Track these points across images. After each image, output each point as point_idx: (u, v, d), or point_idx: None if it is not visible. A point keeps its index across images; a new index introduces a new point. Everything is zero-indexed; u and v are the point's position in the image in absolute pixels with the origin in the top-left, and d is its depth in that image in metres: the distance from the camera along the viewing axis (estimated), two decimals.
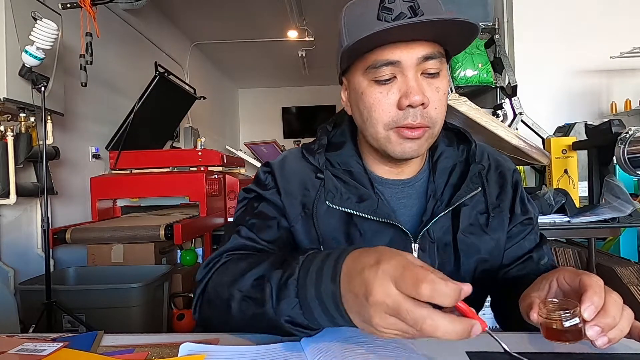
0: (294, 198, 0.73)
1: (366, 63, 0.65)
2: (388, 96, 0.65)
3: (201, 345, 0.57)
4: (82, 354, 0.58)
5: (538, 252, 0.77)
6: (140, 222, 2.70)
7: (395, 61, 0.63)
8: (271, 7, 4.46)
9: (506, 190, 0.76)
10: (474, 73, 2.52)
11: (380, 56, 0.63)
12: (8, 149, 2.09)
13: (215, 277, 0.66)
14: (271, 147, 4.78)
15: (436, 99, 0.65)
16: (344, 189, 0.71)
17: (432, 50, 0.64)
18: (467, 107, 1.42)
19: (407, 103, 0.63)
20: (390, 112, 0.65)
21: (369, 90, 0.66)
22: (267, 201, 0.74)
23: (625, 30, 2.68)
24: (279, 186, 0.74)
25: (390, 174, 0.75)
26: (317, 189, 0.72)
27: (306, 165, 0.75)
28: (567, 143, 1.63)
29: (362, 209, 0.69)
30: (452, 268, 0.72)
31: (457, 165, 0.76)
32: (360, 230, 0.70)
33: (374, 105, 0.66)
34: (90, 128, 3.21)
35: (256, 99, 8.02)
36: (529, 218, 0.77)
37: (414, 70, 0.64)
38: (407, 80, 0.64)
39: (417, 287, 0.42)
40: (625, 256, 1.95)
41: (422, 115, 0.65)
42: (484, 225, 0.73)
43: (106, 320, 2.07)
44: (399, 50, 0.63)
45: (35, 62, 2.03)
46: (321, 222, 0.71)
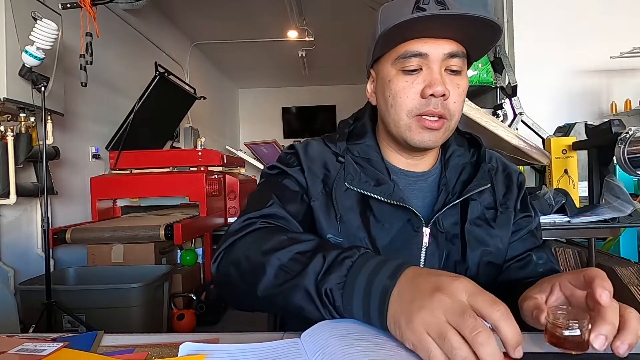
0: (316, 176, 0.77)
1: (396, 53, 0.71)
2: (413, 85, 0.70)
3: (201, 345, 0.57)
4: (82, 354, 0.58)
5: (537, 252, 0.79)
6: (140, 222, 2.70)
7: (423, 53, 0.69)
8: (271, 7, 4.46)
9: (512, 189, 0.81)
10: (474, 73, 2.52)
11: (411, 47, 0.69)
12: (8, 149, 2.09)
13: (249, 240, 0.68)
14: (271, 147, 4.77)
15: (456, 94, 0.71)
16: (362, 173, 0.76)
17: (457, 49, 0.70)
18: (467, 107, 1.42)
19: (430, 92, 0.68)
20: (414, 99, 0.70)
21: (397, 79, 0.71)
22: (291, 177, 0.78)
23: (625, 30, 2.68)
24: (303, 164, 0.78)
25: (406, 166, 0.80)
26: (337, 170, 0.77)
27: (328, 150, 0.80)
28: (567, 143, 1.63)
29: (378, 192, 0.73)
30: (458, 258, 0.75)
31: (468, 165, 0.81)
32: (375, 213, 0.74)
33: (400, 92, 0.71)
34: (90, 128, 3.21)
35: (256, 99, 8.02)
36: (527, 215, 0.80)
37: (439, 65, 0.69)
38: (432, 73, 0.69)
39: (492, 305, 0.43)
40: (625, 256, 1.95)
41: (442, 105, 0.70)
42: (491, 220, 0.77)
43: (106, 320, 2.07)
44: (427, 44, 0.69)
45: (35, 62, 2.03)
46: (339, 202, 0.75)
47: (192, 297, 2.76)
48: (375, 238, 0.74)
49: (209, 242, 3.25)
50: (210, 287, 3.00)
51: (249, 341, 0.59)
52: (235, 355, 0.55)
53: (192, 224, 2.72)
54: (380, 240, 0.74)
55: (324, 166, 0.78)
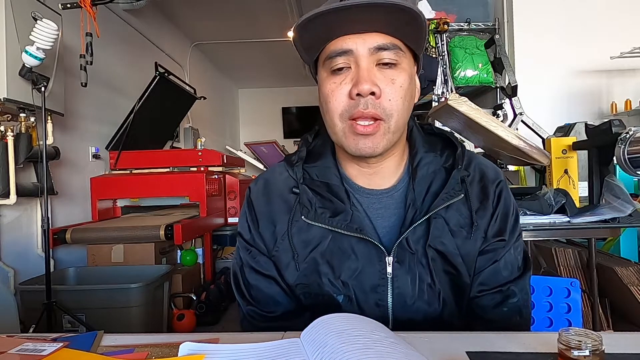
0: (274, 225, 0.74)
1: (324, 54, 0.67)
2: (341, 86, 0.66)
3: (201, 344, 0.57)
4: (82, 354, 0.58)
5: (509, 287, 0.72)
6: (140, 222, 2.70)
7: (348, 50, 0.65)
8: (271, 7, 4.46)
9: (486, 207, 0.72)
10: (474, 73, 2.52)
11: (335, 46, 0.65)
12: (8, 149, 2.09)
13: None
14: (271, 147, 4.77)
15: (391, 91, 0.65)
16: (318, 203, 0.71)
17: (385, 41, 0.64)
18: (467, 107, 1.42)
19: (356, 91, 0.64)
20: (343, 101, 0.66)
21: (326, 81, 0.67)
22: (257, 255, 0.76)
23: (625, 30, 2.68)
24: (259, 225, 0.75)
25: (368, 183, 0.74)
26: (293, 206, 0.73)
27: (286, 180, 0.75)
28: (567, 143, 1.63)
29: (335, 224, 0.69)
30: (429, 281, 0.70)
31: (439, 172, 0.73)
32: (338, 243, 0.70)
33: (329, 95, 0.67)
34: (90, 128, 3.21)
35: (256, 99, 8.02)
36: (501, 239, 0.72)
37: (367, 60, 0.64)
38: (358, 70, 0.64)
39: None
40: (625, 256, 1.95)
41: (373, 105, 0.64)
42: (459, 238, 0.70)
43: (106, 320, 2.07)
44: (352, 40, 0.64)
45: (35, 62, 2.03)
46: (298, 240, 0.72)
47: (192, 297, 2.76)
48: (340, 271, 0.70)
49: (209, 242, 3.25)
50: (210, 287, 3.00)
51: (249, 341, 0.59)
52: (235, 355, 0.55)
53: (192, 224, 2.72)
54: (345, 273, 0.70)
55: (284, 203, 0.74)
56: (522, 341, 0.59)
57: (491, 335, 0.61)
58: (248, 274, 0.76)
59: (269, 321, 0.74)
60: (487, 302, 0.72)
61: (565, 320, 1.02)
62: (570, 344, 0.48)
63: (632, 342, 0.59)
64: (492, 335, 0.61)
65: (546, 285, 1.04)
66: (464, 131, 1.74)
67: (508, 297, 0.72)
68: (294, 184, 0.74)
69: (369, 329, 0.55)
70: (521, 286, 0.73)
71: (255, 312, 0.75)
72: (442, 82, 2.34)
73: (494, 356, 0.55)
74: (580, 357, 0.48)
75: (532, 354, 0.55)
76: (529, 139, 1.48)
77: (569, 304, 1.02)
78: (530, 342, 0.58)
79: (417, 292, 0.70)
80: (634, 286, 1.65)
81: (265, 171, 0.81)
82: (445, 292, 0.71)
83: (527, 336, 0.62)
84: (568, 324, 1.02)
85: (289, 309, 0.74)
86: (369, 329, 0.55)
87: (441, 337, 0.62)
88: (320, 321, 0.57)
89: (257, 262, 0.75)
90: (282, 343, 0.57)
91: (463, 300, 0.72)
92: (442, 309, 0.70)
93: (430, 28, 2.39)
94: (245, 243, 0.77)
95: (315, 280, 0.71)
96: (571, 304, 1.02)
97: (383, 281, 0.69)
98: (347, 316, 0.59)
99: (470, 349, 0.56)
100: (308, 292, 0.72)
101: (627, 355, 0.54)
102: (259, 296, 0.75)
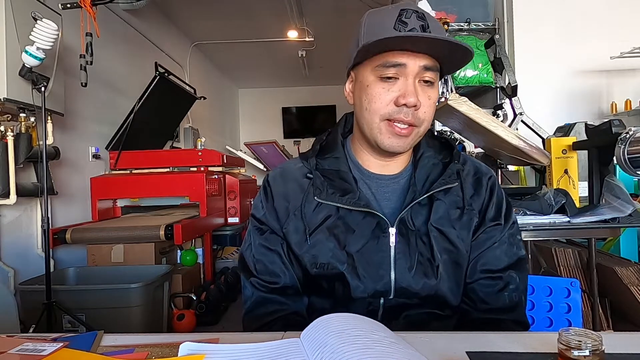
0: (288, 201, 0.84)
1: (377, 62, 0.76)
2: (389, 92, 0.75)
3: (201, 344, 0.57)
4: (82, 354, 0.58)
5: (509, 273, 0.81)
6: (140, 222, 2.70)
7: (402, 64, 0.74)
8: (271, 7, 4.46)
9: (480, 193, 0.83)
10: (474, 73, 2.52)
11: (391, 58, 0.74)
12: (8, 149, 2.09)
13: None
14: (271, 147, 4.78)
15: (427, 104, 0.77)
16: (329, 186, 0.81)
17: (432, 63, 0.75)
18: (467, 107, 1.42)
19: (403, 102, 0.74)
20: (388, 105, 0.76)
21: (374, 85, 0.76)
22: (267, 231, 0.85)
23: (625, 30, 2.68)
24: (274, 201, 0.84)
25: (378, 169, 0.84)
26: (306, 188, 0.83)
27: (301, 168, 0.86)
28: (567, 143, 1.62)
29: (344, 201, 0.79)
30: (428, 256, 0.78)
31: (437, 165, 0.84)
32: (345, 221, 0.80)
33: (376, 97, 0.76)
34: (90, 128, 3.21)
35: (256, 99, 8.02)
36: (497, 224, 0.82)
37: (414, 76, 0.75)
38: (407, 83, 0.75)
39: None
40: (625, 256, 1.95)
41: (413, 115, 0.76)
42: (455, 220, 0.80)
43: (106, 320, 2.07)
44: (406, 56, 0.74)
45: (35, 62, 2.03)
46: (309, 215, 0.81)
47: (192, 297, 2.76)
48: (347, 245, 0.78)
49: (209, 242, 3.25)
50: (210, 287, 3.00)
51: (249, 341, 0.59)
52: (235, 355, 0.55)
53: (192, 224, 2.72)
54: (351, 247, 0.78)
55: (297, 187, 0.84)
56: (522, 341, 0.59)
57: (491, 335, 0.61)
58: (256, 249, 0.85)
59: (270, 292, 0.83)
60: (489, 288, 0.80)
61: (565, 320, 1.02)
62: (570, 344, 0.48)
63: (632, 342, 0.59)
64: (492, 335, 0.62)
65: (546, 285, 1.04)
66: (464, 131, 1.74)
67: (509, 284, 0.80)
68: (308, 171, 0.85)
69: (369, 329, 0.55)
70: (521, 274, 0.82)
71: (258, 282, 0.83)
72: (442, 82, 2.34)
73: (494, 356, 0.55)
74: (580, 357, 0.48)
75: (532, 354, 0.55)
76: (529, 139, 1.48)
77: (569, 304, 1.02)
78: (530, 342, 0.58)
79: (416, 264, 0.78)
80: (634, 286, 1.65)
81: (282, 163, 0.92)
82: (444, 267, 0.78)
83: (527, 336, 0.62)
84: (568, 324, 1.02)
85: (288, 284, 0.83)
86: (368, 329, 0.55)
87: (441, 337, 0.62)
88: (320, 321, 0.57)
89: (265, 238, 0.84)
90: (282, 343, 0.57)
91: (460, 276, 0.81)
92: (440, 282, 0.78)
93: None
94: (257, 222, 0.86)
95: (321, 250, 0.79)
96: (571, 304, 1.02)
97: (386, 253, 0.78)
98: (347, 316, 0.59)
99: (470, 349, 0.56)
100: (314, 262, 0.80)
101: (627, 355, 0.54)
102: (263, 269, 0.83)
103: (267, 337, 0.60)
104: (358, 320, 0.58)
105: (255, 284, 0.84)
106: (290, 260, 0.83)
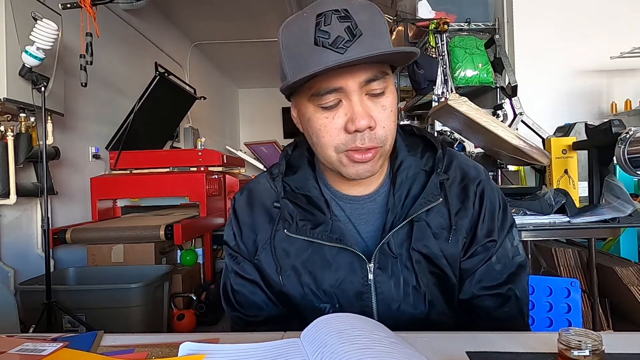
0: (256, 234, 0.76)
1: (310, 90, 0.65)
2: (334, 120, 0.65)
3: (201, 344, 0.57)
4: (82, 354, 0.58)
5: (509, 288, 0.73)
6: (140, 222, 2.70)
7: (338, 87, 0.63)
8: (271, 7, 4.46)
9: (467, 207, 0.72)
10: (474, 73, 2.52)
11: (324, 84, 0.63)
12: (8, 149, 2.09)
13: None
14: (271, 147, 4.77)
15: (383, 118, 0.65)
16: (299, 216, 0.72)
17: (374, 73, 0.63)
18: (467, 107, 1.42)
19: (354, 128, 0.63)
20: (339, 135, 0.65)
21: (316, 116, 0.66)
22: (242, 261, 0.78)
23: (625, 30, 2.68)
24: (242, 233, 0.77)
25: (351, 189, 0.75)
26: (275, 218, 0.75)
27: (269, 192, 0.77)
28: (567, 143, 1.62)
29: (316, 235, 0.71)
30: (414, 284, 0.71)
31: (419, 175, 0.74)
32: (320, 254, 0.72)
33: (322, 130, 0.66)
34: (90, 128, 3.21)
35: (256, 99, 8.02)
36: (492, 240, 0.72)
37: (358, 94, 0.64)
38: (352, 105, 0.64)
39: None
40: (625, 256, 1.95)
41: (370, 138, 0.65)
42: (439, 241, 0.71)
43: (106, 320, 2.07)
44: (341, 77, 0.62)
45: (35, 62, 2.03)
46: (280, 251, 0.74)
47: (192, 297, 2.76)
48: (322, 281, 0.72)
49: (209, 242, 3.24)
50: (210, 287, 3.00)
51: (249, 341, 0.59)
52: (235, 355, 0.55)
53: (192, 224, 2.72)
54: (326, 282, 0.71)
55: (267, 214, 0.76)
56: (522, 341, 0.59)
57: (491, 335, 0.61)
58: (233, 279, 0.79)
59: (252, 326, 0.77)
60: (489, 304, 0.73)
61: (565, 320, 1.01)
62: (570, 344, 0.48)
63: (632, 342, 0.59)
64: (492, 335, 0.61)
65: (546, 285, 1.04)
66: (464, 131, 1.74)
67: (509, 299, 0.73)
68: (275, 197, 0.75)
69: (369, 329, 0.55)
70: (521, 286, 0.74)
71: (239, 318, 0.78)
72: (442, 82, 2.34)
73: (494, 356, 0.55)
74: (580, 357, 0.48)
75: (532, 354, 0.55)
76: (529, 139, 1.48)
77: (569, 304, 1.02)
78: (530, 342, 0.58)
79: (402, 295, 0.71)
80: (634, 286, 1.65)
81: (251, 181, 0.83)
82: (432, 293, 0.72)
83: (527, 336, 0.62)
84: (568, 324, 1.02)
85: (272, 314, 0.77)
86: (369, 329, 0.55)
87: (441, 337, 0.62)
88: (320, 321, 0.57)
89: (241, 267, 0.78)
90: (282, 343, 0.57)
91: (452, 300, 0.73)
92: (429, 310, 0.72)
93: (430, 28, 2.39)
94: (231, 250, 0.79)
95: (297, 290, 0.73)
96: (571, 304, 1.02)
97: (366, 288, 0.71)
98: (347, 316, 0.59)
99: (470, 349, 0.56)
100: (291, 301, 0.74)
101: (627, 355, 0.54)
102: (243, 301, 0.77)
103: (267, 337, 0.60)
104: (358, 320, 0.58)
105: (237, 320, 0.78)
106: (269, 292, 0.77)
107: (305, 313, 0.73)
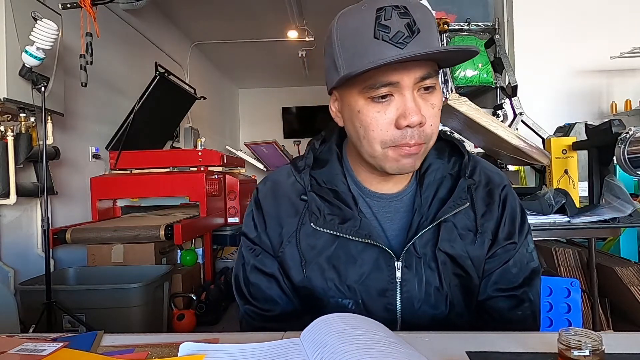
0: (282, 226, 0.75)
1: (363, 82, 0.64)
2: (385, 115, 0.65)
3: (201, 344, 0.57)
4: (82, 354, 0.58)
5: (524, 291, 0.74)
6: (140, 222, 2.70)
7: (394, 82, 0.63)
8: (271, 7, 4.46)
9: (492, 210, 0.75)
10: (474, 73, 2.52)
11: (380, 77, 0.63)
12: (8, 149, 2.09)
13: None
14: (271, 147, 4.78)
15: (432, 116, 0.66)
16: (327, 210, 0.72)
17: (429, 70, 0.64)
18: (467, 107, 1.42)
19: (406, 124, 0.64)
20: (388, 130, 0.65)
21: (366, 109, 0.66)
22: (260, 251, 0.77)
23: (625, 30, 2.68)
24: (267, 225, 0.76)
25: (379, 186, 0.76)
26: (301, 211, 0.74)
27: (294, 184, 0.77)
28: (567, 143, 1.62)
29: (344, 230, 0.71)
30: (437, 284, 0.71)
31: (446, 179, 0.75)
32: (345, 249, 0.72)
33: (371, 124, 0.66)
34: (90, 128, 3.21)
35: (256, 99, 8.02)
36: (512, 242, 0.74)
37: (411, 90, 0.64)
38: (405, 101, 0.64)
39: None
40: (625, 256, 1.95)
41: (419, 135, 0.65)
42: (465, 243, 0.72)
43: (106, 320, 2.07)
44: (397, 71, 0.63)
45: (35, 62, 2.03)
46: (306, 245, 0.73)
47: (192, 297, 2.76)
48: (346, 276, 0.71)
49: (209, 242, 3.24)
50: (210, 287, 3.00)
51: (249, 341, 0.59)
52: (235, 355, 0.55)
53: (192, 224, 2.72)
54: (351, 278, 0.71)
55: (291, 207, 0.75)
56: (522, 341, 0.59)
57: (491, 335, 0.61)
58: (250, 272, 0.77)
59: (265, 321, 0.76)
60: (502, 305, 0.74)
61: (565, 320, 1.01)
62: (570, 344, 0.48)
63: (632, 342, 0.59)
64: (493, 335, 0.62)
65: (546, 285, 1.04)
66: (464, 131, 1.74)
67: (523, 301, 0.74)
68: (301, 190, 0.75)
69: (369, 329, 0.55)
70: (535, 291, 0.76)
71: (253, 312, 0.77)
72: (442, 82, 2.34)
73: (494, 356, 0.55)
74: (580, 357, 0.48)
75: (532, 354, 0.55)
76: (529, 139, 1.48)
77: (569, 304, 1.02)
78: (530, 342, 0.58)
79: (424, 295, 0.71)
80: (634, 286, 1.65)
81: (273, 172, 0.82)
82: (453, 294, 0.72)
83: (527, 336, 0.62)
84: (568, 324, 1.02)
85: (286, 310, 0.76)
86: (368, 329, 0.55)
87: (441, 337, 0.62)
88: (320, 321, 0.57)
89: (260, 260, 0.77)
90: (282, 343, 0.57)
91: (472, 302, 0.74)
92: (449, 311, 0.72)
93: None
94: (250, 242, 0.78)
95: (320, 284, 0.72)
96: (571, 304, 1.02)
97: (392, 285, 0.71)
98: (347, 316, 0.59)
99: (470, 349, 0.56)
100: (312, 295, 0.73)
101: (627, 355, 0.54)
102: (258, 295, 0.76)
103: (267, 337, 0.60)
104: (358, 320, 0.58)
105: (250, 314, 0.77)
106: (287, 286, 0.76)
107: (327, 308, 0.72)
